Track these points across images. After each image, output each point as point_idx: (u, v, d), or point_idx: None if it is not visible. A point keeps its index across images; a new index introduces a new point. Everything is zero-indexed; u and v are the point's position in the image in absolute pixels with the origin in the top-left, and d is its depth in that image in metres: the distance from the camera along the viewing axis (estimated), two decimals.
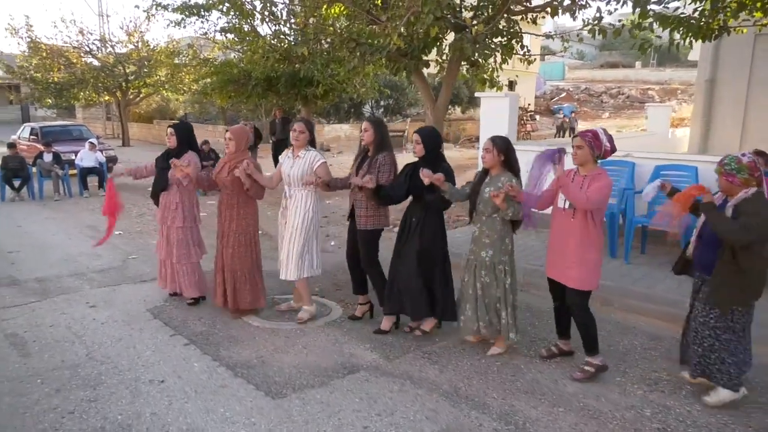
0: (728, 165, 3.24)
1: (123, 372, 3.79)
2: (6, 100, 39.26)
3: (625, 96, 38.24)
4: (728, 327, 3.33)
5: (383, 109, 24.17)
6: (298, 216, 4.56)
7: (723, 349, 3.34)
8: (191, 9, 11.02)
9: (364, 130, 4.46)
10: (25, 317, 4.78)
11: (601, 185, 3.52)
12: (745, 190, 3.20)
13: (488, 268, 3.93)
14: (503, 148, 3.87)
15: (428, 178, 3.85)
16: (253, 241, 4.79)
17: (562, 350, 4.06)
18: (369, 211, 4.43)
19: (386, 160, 4.36)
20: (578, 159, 3.64)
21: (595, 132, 3.65)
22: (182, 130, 5.05)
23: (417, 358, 4.07)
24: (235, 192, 4.69)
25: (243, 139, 4.76)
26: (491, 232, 3.92)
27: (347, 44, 8.67)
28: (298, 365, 3.94)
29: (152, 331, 4.50)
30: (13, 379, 3.69)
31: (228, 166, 4.70)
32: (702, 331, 3.41)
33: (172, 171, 4.85)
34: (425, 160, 4.14)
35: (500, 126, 7.17)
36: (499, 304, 3.94)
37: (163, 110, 28.72)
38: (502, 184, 3.77)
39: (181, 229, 4.98)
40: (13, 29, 18.85)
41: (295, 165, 4.56)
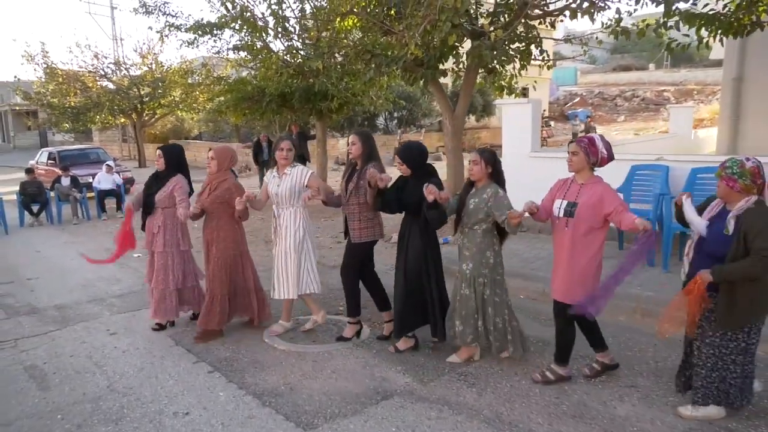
0: (730, 168, 3.02)
1: (146, 404, 3.62)
2: (24, 126, 39.93)
3: (639, 98, 37.78)
4: (738, 347, 3.10)
5: (396, 120, 24.06)
6: (290, 235, 4.52)
7: (731, 370, 3.12)
8: (204, 28, 10.99)
9: (351, 143, 4.42)
10: (45, 347, 4.65)
11: (610, 193, 3.44)
12: (746, 199, 2.99)
13: (468, 281, 3.90)
14: (491, 160, 3.85)
15: (433, 194, 3.71)
16: (237, 260, 4.68)
17: (605, 365, 3.83)
18: (362, 223, 4.39)
19: (375, 171, 4.29)
20: (573, 166, 3.54)
21: (591, 138, 3.53)
22: (171, 152, 4.92)
23: (452, 381, 3.85)
24: (215, 214, 4.61)
25: (225, 158, 4.67)
26: (471, 245, 3.90)
27: (362, 56, 8.55)
28: (328, 392, 3.74)
29: (174, 359, 4.33)
30: (33, 415, 3.53)
31: (209, 188, 4.61)
32: (706, 351, 3.16)
33: (159, 195, 4.74)
34: (415, 177, 4.08)
35: (523, 133, 6.98)
36: (476, 315, 3.90)
37: (178, 130, 28.92)
38: (488, 195, 3.79)
39: (160, 254, 4.82)
40: (29, 56, 19.13)
41: (283, 183, 4.51)
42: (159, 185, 4.80)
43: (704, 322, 3.18)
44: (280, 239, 4.56)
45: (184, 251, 4.94)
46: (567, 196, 3.56)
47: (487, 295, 3.87)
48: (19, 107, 34.76)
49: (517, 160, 7.00)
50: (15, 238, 9.83)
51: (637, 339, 4.39)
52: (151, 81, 19.97)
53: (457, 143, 9.17)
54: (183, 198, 4.74)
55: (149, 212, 4.83)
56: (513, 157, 7.14)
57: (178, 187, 4.76)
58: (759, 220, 2.90)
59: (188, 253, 5.00)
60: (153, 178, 4.92)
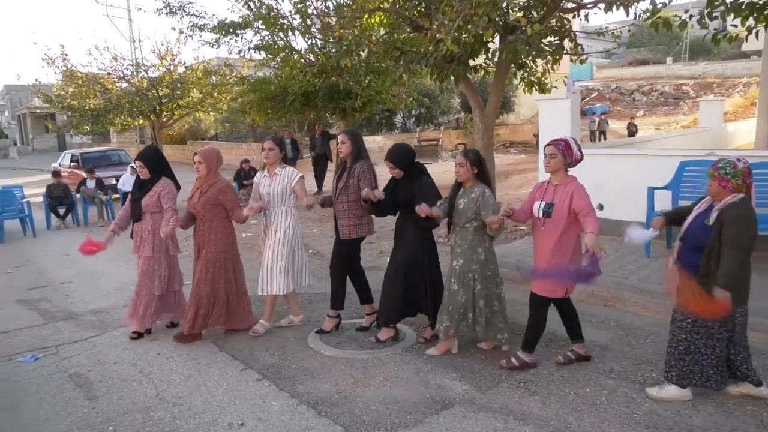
0: (723, 169, 3.20)
1: (198, 415, 3.51)
2: (43, 128, 40.32)
3: (658, 93, 37.25)
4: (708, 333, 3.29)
5: (415, 118, 23.89)
6: (280, 232, 4.60)
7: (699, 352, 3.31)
8: (227, 28, 10.91)
9: (341, 142, 4.52)
10: (87, 354, 4.56)
11: (580, 192, 3.62)
12: (733, 195, 3.18)
13: (457, 276, 4.05)
14: (476, 161, 4.02)
15: (425, 213, 3.95)
16: (222, 268, 4.59)
17: (579, 354, 4.02)
18: (351, 220, 4.49)
19: (364, 168, 4.47)
20: (551, 167, 3.74)
21: (566, 140, 3.74)
22: (150, 159, 4.75)
23: (512, 388, 3.70)
24: (206, 217, 4.54)
25: (213, 161, 4.61)
26: (462, 241, 4.06)
27: (391, 53, 8.39)
28: (384, 400, 3.60)
29: (221, 366, 4.22)
30: (84, 426, 3.43)
31: (199, 191, 4.53)
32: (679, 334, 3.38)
33: (145, 200, 4.64)
34: (406, 178, 4.26)
35: (562, 129, 6.77)
36: (462, 309, 4.04)
37: (195, 131, 28.98)
38: (475, 195, 3.96)
39: (148, 259, 4.72)
40: (50, 59, 19.17)
41: (274, 183, 4.60)
42: (144, 191, 4.69)
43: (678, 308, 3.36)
44: (271, 236, 4.62)
45: (172, 256, 4.87)
46: (545, 197, 3.78)
47: (478, 289, 4.01)
48: (39, 110, 35.00)
49: None
50: (43, 241, 9.82)
51: None
52: (169, 82, 19.94)
53: (488, 140, 8.98)
54: (170, 206, 4.64)
55: (137, 219, 4.72)
56: None
57: (165, 192, 4.66)
58: (737, 211, 3.12)
59: (176, 258, 4.92)
60: (137, 185, 4.80)
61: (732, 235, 3.09)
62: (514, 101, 24.87)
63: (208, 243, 4.55)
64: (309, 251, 5.60)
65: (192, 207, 4.58)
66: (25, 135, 45.44)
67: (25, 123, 44.18)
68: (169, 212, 4.62)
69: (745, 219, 3.12)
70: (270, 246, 4.63)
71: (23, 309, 5.86)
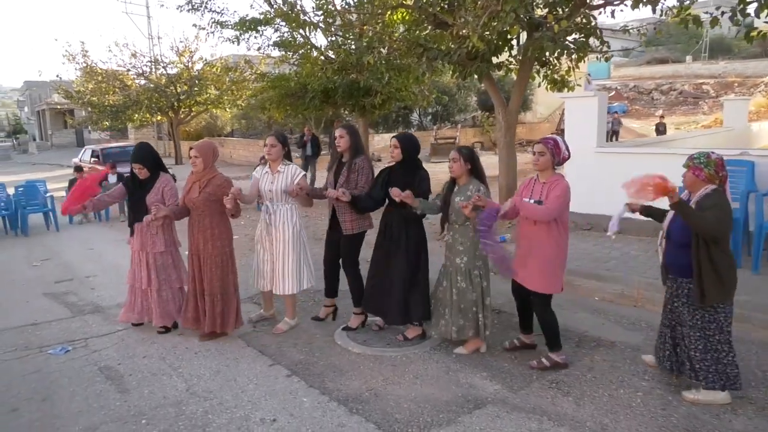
0: (697, 159, 3.35)
1: (230, 409, 3.51)
2: (61, 124, 40.80)
3: (677, 92, 36.78)
4: (719, 327, 3.33)
5: (431, 116, 23.81)
6: (287, 230, 4.55)
7: (717, 349, 3.34)
8: (248, 25, 10.94)
9: (339, 137, 4.50)
10: (116, 347, 4.59)
11: (558, 194, 3.64)
12: (706, 187, 3.30)
13: (464, 274, 4.06)
14: (469, 157, 4.05)
15: (398, 197, 3.99)
16: (229, 261, 4.60)
17: (524, 343, 4.19)
18: (353, 215, 4.49)
19: (363, 164, 4.48)
20: (540, 165, 3.78)
21: (555, 139, 3.79)
22: (147, 158, 4.63)
23: (544, 389, 3.65)
24: (207, 212, 4.47)
25: (210, 155, 4.54)
26: (464, 239, 4.06)
27: (414, 50, 8.35)
28: (415, 398, 3.57)
29: (249, 361, 4.22)
30: (117, 419, 3.45)
31: (198, 185, 4.46)
32: (693, 334, 3.38)
33: (150, 198, 4.56)
34: (403, 165, 4.29)
35: (588, 127, 6.71)
36: (475, 307, 4.06)
37: (211, 127, 29.15)
38: (471, 192, 3.95)
39: (161, 255, 4.70)
40: (70, 56, 19.42)
41: (277, 180, 4.56)
42: (146, 189, 4.62)
43: (682, 307, 3.42)
44: (277, 235, 4.56)
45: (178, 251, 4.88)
46: (533, 194, 3.82)
47: (484, 286, 4.07)
48: (60, 106, 35.41)
49: (582, 156, 6.71)
50: (66, 235, 9.92)
51: (737, 347, 4.12)
52: (187, 79, 20.11)
53: (510, 138, 8.91)
54: (174, 202, 4.60)
55: (141, 217, 4.63)
56: (577, 152, 6.82)
57: (168, 188, 4.64)
58: (712, 200, 3.25)
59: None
60: (136, 184, 4.68)
61: (716, 214, 3.19)
62: (531, 100, 24.68)
63: (212, 239, 4.50)
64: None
65: (191, 202, 4.49)
66: (44, 131, 46.02)
67: (44, 119, 44.74)
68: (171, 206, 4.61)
69: (720, 206, 3.22)
70: (279, 246, 4.57)
71: (51, 302, 5.92)
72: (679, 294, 3.44)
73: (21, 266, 7.64)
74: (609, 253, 6.13)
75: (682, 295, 3.41)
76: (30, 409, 3.61)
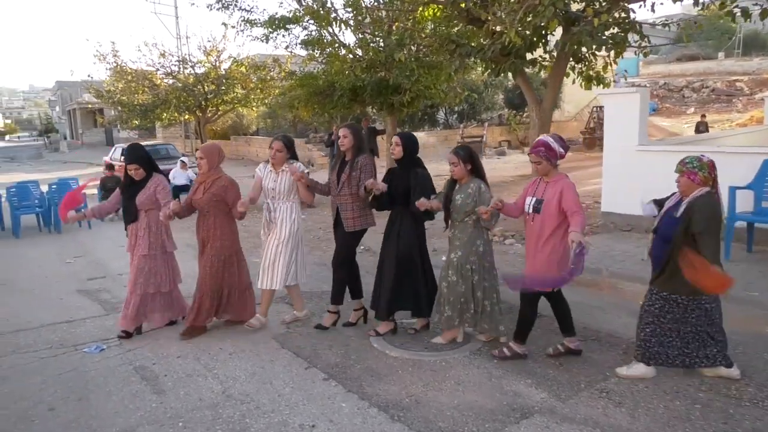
0: (690, 164, 3.41)
1: (267, 414, 3.41)
2: (91, 123, 41.56)
3: (709, 89, 35.86)
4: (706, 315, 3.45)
5: (457, 114, 23.57)
6: (285, 228, 4.60)
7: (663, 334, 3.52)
8: (277, 23, 10.90)
9: (342, 136, 4.55)
10: (150, 347, 4.54)
11: (569, 191, 3.72)
12: (700, 189, 3.38)
13: (455, 268, 4.14)
14: (467, 158, 4.10)
15: (424, 206, 4.09)
16: (233, 259, 4.64)
17: (569, 348, 4.07)
18: (356, 212, 4.53)
19: (367, 161, 4.53)
20: (540, 172, 3.88)
21: (545, 143, 3.80)
22: (143, 158, 4.62)
23: (594, 398, 3.48)
24: (212, 213, 4.53)
25: (215, 156, 4.60)
26: (462, 234, 4.15)
27: (447, 46, 8.20)
28: (458, 406, 3.43)
29: (285, 364, 4.13)
30: (154, 421, 3.38)
31: (203, 186, 4.48)
32: (646, 316, 3.57)
33: (141, 198, 4.55)
34: (402, 163, 4.36)
35: (629, 125, 6.47)
36: (463, 298, 4.13)
37: (237, 126, 29.34)
38: (472, 190, 4.07)
39: (143, 258, 4.63)
40: (101, 56, 19.65)
41: (280, 179, 4.61)
42: (137, 188, 4.60)
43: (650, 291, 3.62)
44: (275, 230, 4.62)
45: (170, 253, 4.80)
46: (536, 193, 3.89)
47: (476, 280, 4.12)
48: (91, 105, 36.02)
49: (622, 155, 6.50)
50: (98, 233, 10.01)
51: None
52: (215, 78, 20.19)
53: None
54: (168, 201, 4.58)
55: (134, 219, 4.63)
56: (617, 151, 6.63)
57: (161, 188, 4.62)
58: (703, 201, 3.34)
59: (173, 255, 4.85)
60: (128, 184, 4.65)
61: (701, 222, 3.30)
62: (559, 97, 24.24)
63: (213, 238, 4.56)
64: (360, 247, 5.45)
65: (196, 202, 4.56)
66: (74, 129, 46.99)
67: (75, 118, 45.66)
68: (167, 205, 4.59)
69: (711, 208, 3.33)
70: (274, 241, 4.62)
71: (84, 299, 5.93)
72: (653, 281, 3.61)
73: (54, 263, 7.71)
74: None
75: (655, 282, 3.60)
76: (67, 409, 3.57)
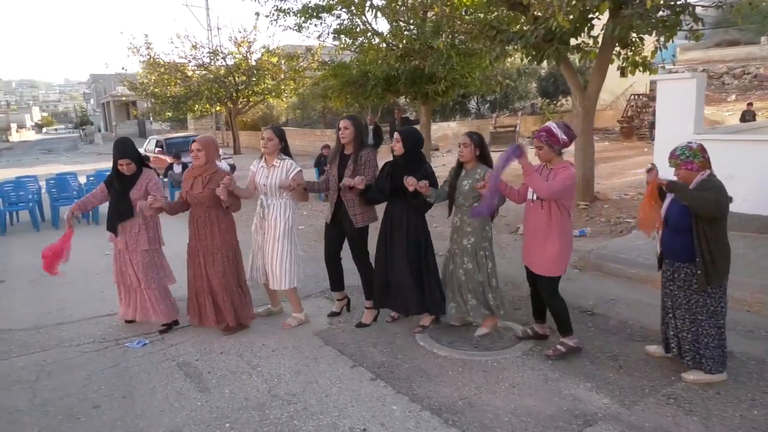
0: (683, 155, 3.39)
1: (316, 416, 3.29)
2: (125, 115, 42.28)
3: (751, 75, 34.56)
4: (709, 312, 3.40)
5: (489, 104, 23.14)
6: (279, 225, 4.46)
7: (708, 334, 3.41)
8: (310, 12, 10.75)
9: (343, 128, 4.42)
10: (192, 342, 4.47)
11: (564, 177, 3.67)
12: (701, 173, 3.36)
13: (470, 255, 4.16)
14: (479, 143, 4.15)
15: (412, 186, 3.97)
16: (237, 254, 4.56)
17: (537, 333, 4.16)
18: (362, 208, 4.46)
19: (370, 157, 4.44)
20: (542, 158, 3.86)
21: (548, 129, 3.76)
22: (133, 153, 4.52)
23: (661, 405, 3.26)
24: (212, 206, 4.39)
25: (212, 149, 4.47)
26: (472, 220, 4.13)
27: (487, 33, 7.93)
28: (515, 411, 3.26)
29: (329, 362, 4.00)
30: (200, 421, 3.29)
31: (201, 180, 4.33)
32: (687, 317, 3.47)
33: (133, 194, 4.43)
34: (405, 159, 4.24)
35: (685, 112, 6.13)
36: (482, 288, 4.17)
37: (267, 117, 29.43)
38: (479, 176, 4.06)
39: (146, 252, 4.55)
40: (135, 48, 19.89)
41: (272, 174, 4.47)
42: (128, 185, 4.49)
43: (678, 291, 3.50)
44: (270, 229, 4.49)
45: (162, 248, 4.76)
46: None
47: (490, 267, 4.18)
48: (125, 97, 36.60)
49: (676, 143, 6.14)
50: None
51: None
52: (245, 69, 20.26)
53: (587, 125, 8.39)
54: (161, 196, 4.51)
55: (128, 216, 4.48)
56: (670, 140, 6.22)
57: (153, 183, 4.55)
58: (709, 183, 3.34)
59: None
60: (118, 180, 4.52)
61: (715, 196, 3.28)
62: None
63: (220, 232, 4.43)
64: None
65: (194, 197, 4.38)
66: (108, 122, 47.88)
67: (109, 110, 46.51)
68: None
69: (719, 188, 3.31)
70: (269, 240, 4.49)
71: None
72: (675, 278, 3.51)
73: (94, 255, 7.73)
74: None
75: (678, 279, 3.48)
76: (111, 406, 3.51)
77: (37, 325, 5.01)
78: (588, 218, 7.96)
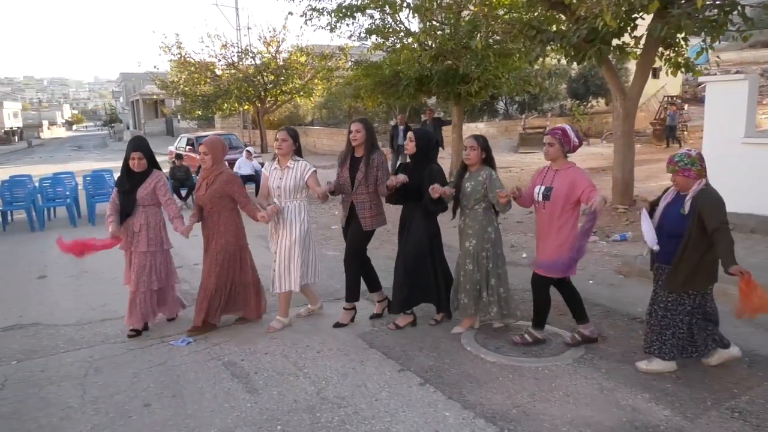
0: (681, 162, 3.44)
1: (367, 420, 3.24)
2: (153, 113, 42.94)
3: None
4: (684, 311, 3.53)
5: (518, 105, 22.91)
6: (295, 228, 4.46)
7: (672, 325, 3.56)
8: (345, 11, 10.74)
9: (355, 131, 4.44)
10: (236, 341, 4.46)
11: (580, 176, 3.79)
12: (698, 182, 3.40)
13: (472, 257, 4.22)
14: (485, 146, 4.21)
15: (437, 192, 4.04)
16: (237, 256, 4.54)
17: (585, 336, 4.09)
18: (373, 211, 4.50)
19: (382, 159, 4.48)
20: (550, 155, 3.91)
21: (563, 129, 3.87)
22: (148, 149, 4.52)
23: (726, 418, 3.14)
24: (214, 209, 4.45)
25: (219, 151, 4.49)
26: (473, 222, 4.21)
27: (527, 33, 7.81)
28: (572, 421, 3.16)
29: (376, 365, 3.95)
30: (251, 423, 3.27)
31: (205, 183, 4.35)
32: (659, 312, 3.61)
33: (140, 193, 4.42)
34: (415, 158, 4.36)
35: (736, 115, 5.94)
36: (479, 286, 4.22)
37: (293, 117, 29.59)
38: (483, 178, 4.14)
39: (144, 254, 4.50)
40: (166, 47, 20.15)
41: (286, 177, 4.48)
42: (136, 183, 4.48)
43: (659, 290, 3.63)
44: (285, 232, 4.47)
45: (167, 250, 4.69)
46: (544, 182, 3.95)
47: (490, 268, 4.20)
48: (156, 96, 37.22)
49: (726, 148, 5.96)
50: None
51: None
52: (274, 68, 20.37)
53: (628, 127, 8.23)
54: (170, 198, 4.60)
55: (129, 213, 4.48)
56: (719, 144, 6.09)
57: (161, 184, 4.56)
58: (710, 198, 3.36)
59: (169, 252, 4.75)
60: (126, 177, 4.52)
61: (715, 218, 3.29)
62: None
63: (217, 235, 4.47)
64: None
65: (199, 199, 4.48)
66: (137, 119, 48.68)
67: (138, 108, 47.28)
68: (171, 205, 4.60)
69: (718, 201, 3.35)
70: (285, 243, 4.47)
71: None
72: (659, 279, 3.63)
73: None
74: (748, 257, 5.40)
75: (661, 279, 3.60)
76: (162, 405, 3.51)
77: (81, 321, 5.07)
78: (628, 222, 7.78)
